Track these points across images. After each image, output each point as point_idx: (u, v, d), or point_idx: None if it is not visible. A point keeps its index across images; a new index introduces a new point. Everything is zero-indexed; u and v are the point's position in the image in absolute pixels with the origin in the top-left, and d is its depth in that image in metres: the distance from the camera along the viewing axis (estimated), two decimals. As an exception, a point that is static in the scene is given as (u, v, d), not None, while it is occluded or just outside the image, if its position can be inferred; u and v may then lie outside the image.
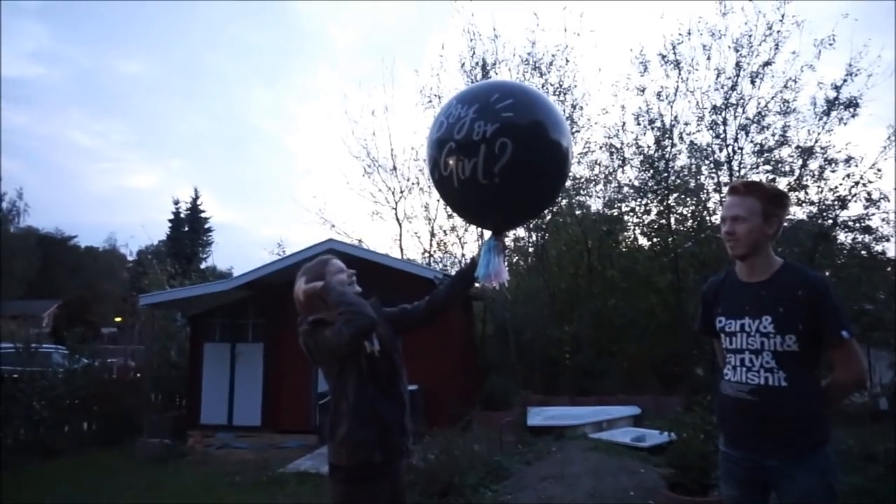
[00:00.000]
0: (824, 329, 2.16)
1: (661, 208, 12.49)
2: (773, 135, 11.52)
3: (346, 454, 2.48)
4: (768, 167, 11.54)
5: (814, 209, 11.25)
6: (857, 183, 10.76)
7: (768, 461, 2.21)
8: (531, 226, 13.40)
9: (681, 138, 12.31)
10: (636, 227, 13.58)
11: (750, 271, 2.34)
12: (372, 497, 2.48)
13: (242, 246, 63.47)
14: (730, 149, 11.72)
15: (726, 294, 2.42)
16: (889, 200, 10.72)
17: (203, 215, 42.88)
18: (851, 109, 10.83)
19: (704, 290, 2.57)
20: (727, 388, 2.33)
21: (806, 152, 11.18)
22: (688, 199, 12.50)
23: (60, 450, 8.64)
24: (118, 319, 27.39)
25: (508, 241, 2.85)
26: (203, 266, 32.88)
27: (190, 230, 41.51)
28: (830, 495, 2.15)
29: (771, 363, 2.20)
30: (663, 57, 12.16)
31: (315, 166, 60.63)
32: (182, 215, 41.68)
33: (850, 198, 10.89)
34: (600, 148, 13.28)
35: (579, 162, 13.65)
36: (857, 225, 11.14)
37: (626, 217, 13.44)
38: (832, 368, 2.28)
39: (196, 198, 42.66)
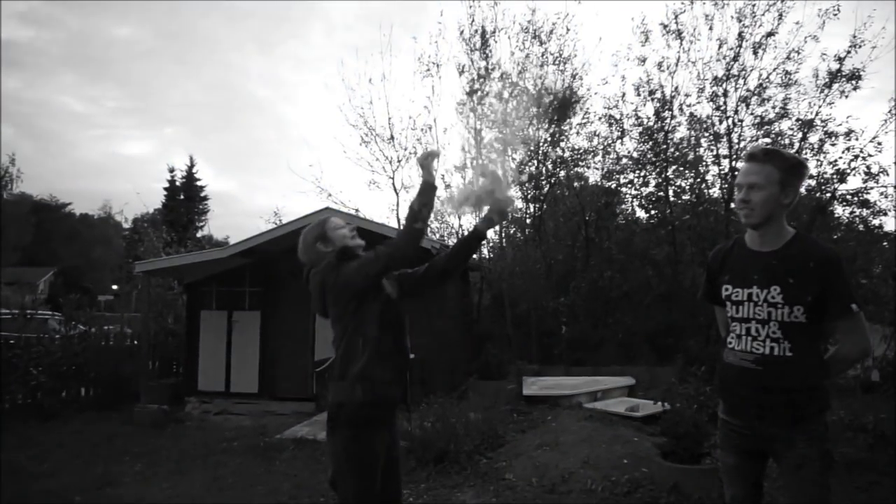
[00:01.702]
0: (833, 301, 2.15)
1: (660, 180, 12.44)
2: (774, 107, 11.46)
3: (361, 390, 2.44)
4: (768, 140, 11.46)
5: (812, 182, 11.21)
6: (856, 156, 10.72)
7: (768, 429, 2.21)
8: (529, 197, 13.37)
9: (681, 110, 12.24)
10: (634, 200, 13.57)
11: (761, 240, 2.30)
12: (371, 443, 2.47)
13: (238, 215, 63.35)
14: (730, 121, 11.65)
15: (734, 262, 2.38)
16: (888, 174, 10.70)
17: (198, 184, 42.63)
18: (854, 81, 10.72)
19: (710, 257, 2.54)
20: (731, 357, 2.32)
21: (806, 125, 11.10)
22: (686, 171, 12.45)
23: (58, 414, 8.67)
24: (114, 287, 27.34)
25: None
26: (199, 235, 32.75)
27: (185, 198, 41.27)
28: (828, 462, 2.18)
29: (777, 333, 2.19)
30: (665, 27, 12.01)
31: (312, 135, 60.08)
32: (177, 183, 41.39)
33: (849, 171, 10.86)
34: (599, 119, 13.20)
35: (578, 133, 13.57)
36: (856, 199, 11.11)
37: (623, 189, 13.40)
38: (831, 340, 2.28)
39: (191, 166, 42.38)
